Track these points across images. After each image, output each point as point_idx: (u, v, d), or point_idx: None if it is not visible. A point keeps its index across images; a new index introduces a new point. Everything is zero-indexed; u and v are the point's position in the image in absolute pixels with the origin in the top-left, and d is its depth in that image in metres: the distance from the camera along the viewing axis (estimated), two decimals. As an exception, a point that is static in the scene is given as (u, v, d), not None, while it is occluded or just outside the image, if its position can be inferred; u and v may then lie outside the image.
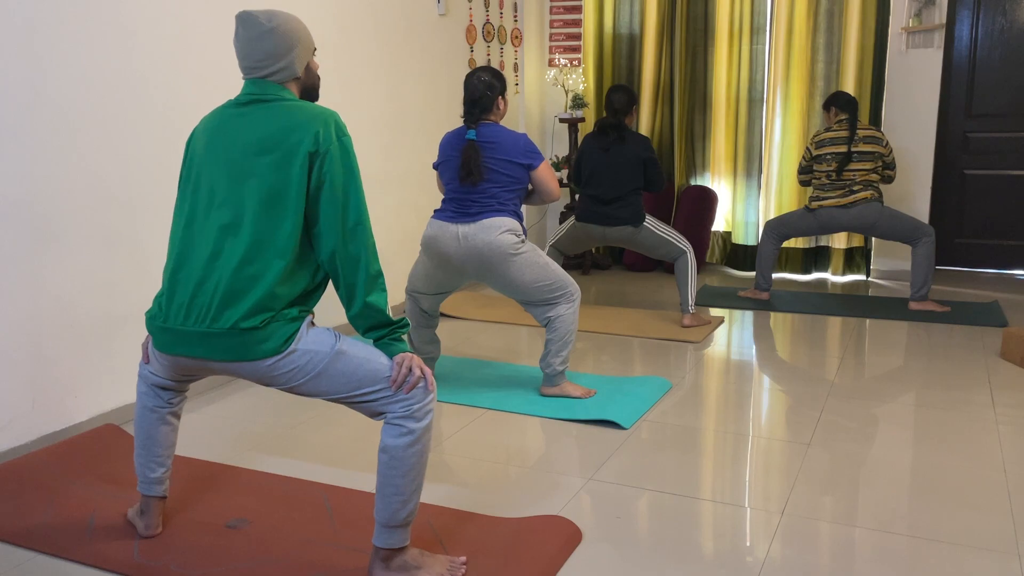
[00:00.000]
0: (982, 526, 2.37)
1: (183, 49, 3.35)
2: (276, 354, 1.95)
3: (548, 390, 3.43)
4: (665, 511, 2.49)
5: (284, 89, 2.04)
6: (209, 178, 2.00)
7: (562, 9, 6.32)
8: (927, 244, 4.67)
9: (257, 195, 1.94)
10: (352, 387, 2.00)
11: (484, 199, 3.24)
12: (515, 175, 3.26)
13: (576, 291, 3.37)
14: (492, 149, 3.24)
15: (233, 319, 1.92)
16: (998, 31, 5.44)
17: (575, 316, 3.36)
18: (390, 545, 2.04)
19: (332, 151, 1.95)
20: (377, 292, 1.98)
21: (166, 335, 2.01)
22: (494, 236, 3.19)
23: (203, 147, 2.03)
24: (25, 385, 2.87)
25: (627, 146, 4.32)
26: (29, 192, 2.83)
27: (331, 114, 2.00)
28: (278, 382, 2.00)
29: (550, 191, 3.35)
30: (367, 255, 1.97)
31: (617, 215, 4.33)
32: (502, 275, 3.25)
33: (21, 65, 2.78)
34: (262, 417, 3.29)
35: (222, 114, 2.05)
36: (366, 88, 4.47)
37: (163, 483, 2.30)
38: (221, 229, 1.96)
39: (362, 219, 1.97)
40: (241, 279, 1.93)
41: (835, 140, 4.73)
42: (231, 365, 1.99)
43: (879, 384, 3.59)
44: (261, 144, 1.95)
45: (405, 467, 2.01)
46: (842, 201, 4.69)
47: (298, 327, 1.98)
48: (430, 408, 2.04)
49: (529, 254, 3.25)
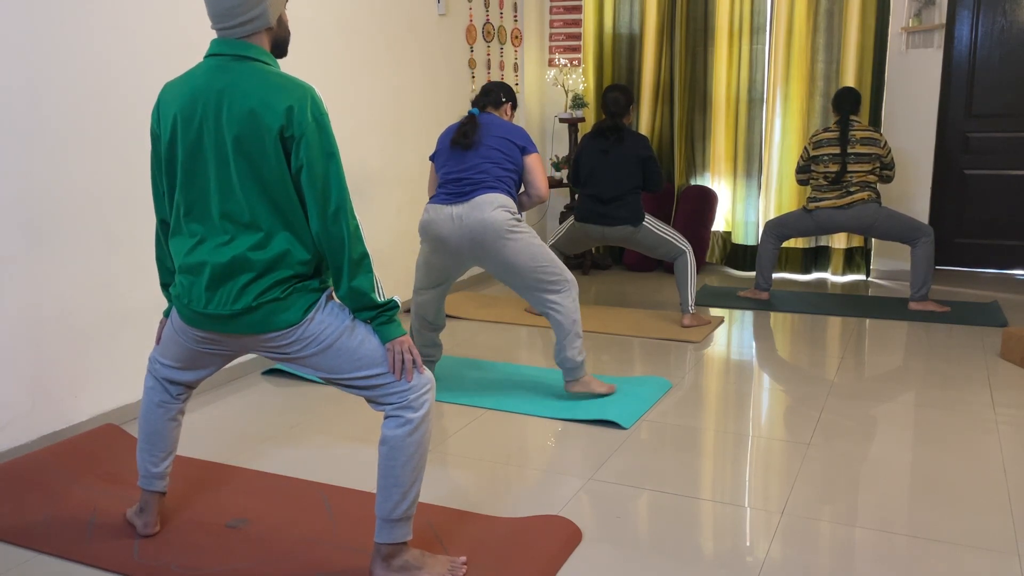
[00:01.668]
0: (982, 526, 2.37)
1: (184, 49, 3.35)
2: (298, 323, 1.97)
3: (572, 386, 3.36)
4: (665, 511, 2.49)
5: (253, 47, 1.96)
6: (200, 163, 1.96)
7: (562, 9, 6.32)
8: (926, 244, 4.67)
9: (249, 178, 1.92)
10: (354, 366, 2.00)
11: (477, 175, 3.23)
12: (509, 152, 3.27)
13: (572, 280, 3.32)
14: (489, 127, 3.30)
15: (254, 293, 1.94)
16: (998, 31, 5.44)
17: (575, 304, 3.32)
18: (392, 540, 2.04)
19: (308, 135, 1.90)
20: (362, 275, 1.97)
21: (188, 311, 2.03)
22: (488, 213, 3.17)
23: (182, 127, 1.96)
24: (25, 385, 2.87)
25: (626, 146, 4.33)
26: (29, 192, 2.83)
27: (306, 90, 1.92)
28: (288, 351, 2.01)
29: (539, 187, 3.33)
30: (350, 239, 1.94)
31: (616, 215, 4.32)
32: (497, 254, 3.21)
33: (21, 65, 2.78)
34: (262, 417, 3.29)
35: (193, 86, 1.95)
36: (366, 88, 4.47)
37: (164, 479, 2.30)
38: (225, 217, 1.95)
39: (343, 203, 1.94)
40: (259, 262, 1.93)
41: (831, 141, 4.73)
42: (248, 339, 2.01)
43: (879, 384, 3.59)
44: (238, 125, 1.89)
45: (404, 457, 2.01)
46: (839, 202, 4.69)
47: (318, 297, 2.00)
48: (427, 398, 2.04)
49: (526, 235, 3.22)
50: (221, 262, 1.94)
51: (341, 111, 4.28)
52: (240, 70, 1.93)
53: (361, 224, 2.00)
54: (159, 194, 2.11)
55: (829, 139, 4.74)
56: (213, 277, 1.96)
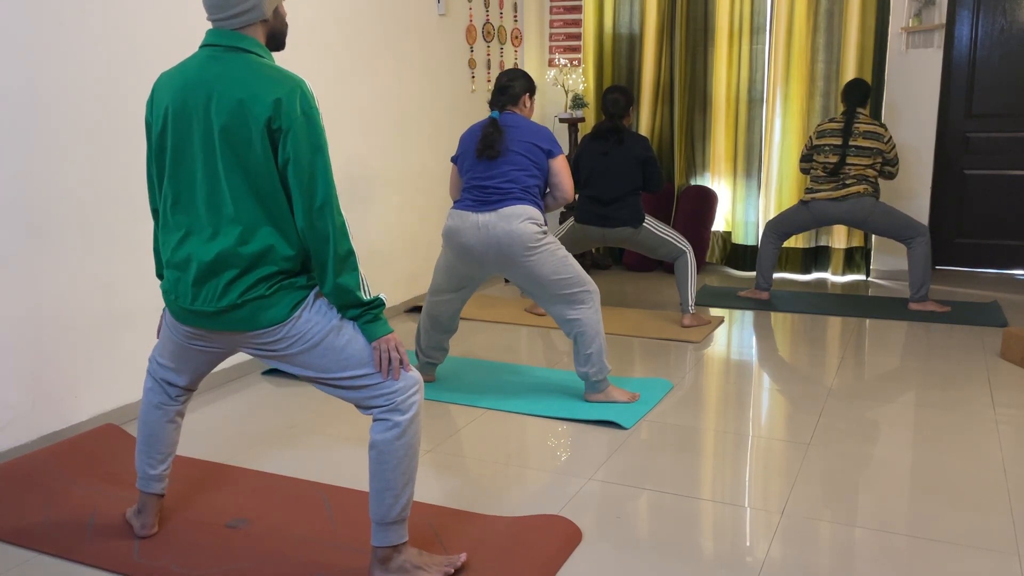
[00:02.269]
0: (982, 526, 2.37)
1: (184, 48, 3.35)
2: (284, 320, 1.96)
3: (593, 396, 3.35)
4: (665, 511, 2.49)
5: (246, 38, 1.94)
6: (188, 154, 1.95)
7: (562, 9, 6.32)
8: (921, 244, 4.66)
9: (234, 170, 1.91)
10: (340, 366, 1.99)
11: (505, 184, 3.19)
12: (536, 159, 3.23)
13: (595, 290, 3.30)
14: (514, 131, 3.24)
15: (239, 291, 1.93)
16: (998, 31, 5.44)
17: (598, 317, 3.28)
18: (388, 543, 2.04)
19: (296, 128, 1.88)
20: (347, 273, 1.95)
21: (176, 307, 2.03)
22: (515, 225, 3.15)
23: (172, 117, 1.95)
24: (25, 385, 2.87)
25: (626, 147, 4.32)
26: (29, 192, 2.83)
27: (296, 82, 1.90)
28: (275, 348, 2.00)
29: (565, 188, 3.30)
30: (335, 235, 1.93)
31: (616, 216, 4.32)
32: (521, 266, 3.20)
33: (21, 65, 2.78)
34: (262, 417, 3.29)
35: (185, 76, 1.95)
36: (366, 88, 4.47)
37: (162, 481, 2.30)
38: (211, 210, 1.94)
39: (329, 198, 1.92)
40: (242, 257, 1.92)
41: (834, 132, 4.73)
42: (237, 336, 2.00)
43: (879, 384, 3.59)
44: (226, 115, 1.89)
45: (394, 461, 2.01)
46: (834, 194, 4.68)
47: (305, 295, 1.99)
48: (415, 399, 2.03)
49: (550, 246, 3.21)
50: (206, 259, 1.94)
51: (341, 111, 4.28)
52: (232, 61, 1.92)
53: (348, 221, 1.98)
54: (152, 184, 2.12)
55: (832, 130, 4.74)
56: (199, 273, 1.95)
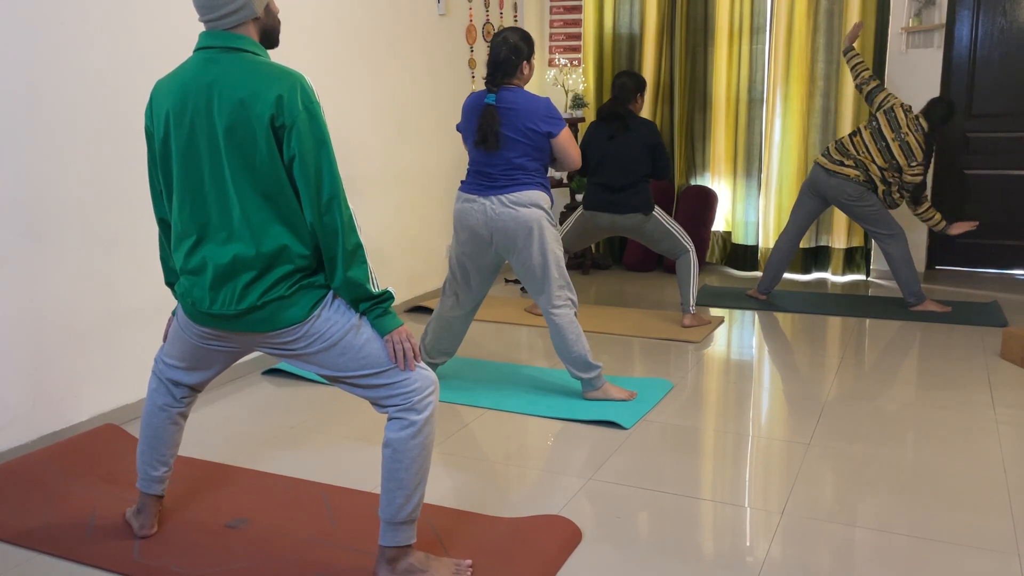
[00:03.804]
0: (982, 526, 2.37)
1: (182, 50, 3.35)
2: (303, 320, 1.96)
3: (591, 394, 3.37)
4: (665, 511, 2.49)
5: (241, 38, 1.93)
6: (194, 158, 1.94)
7: (562, 9, 6.32)
8: (891, 243, 4.60)
9: (241, 171, 1.90)
10: (358, 365, 2.00)
11: (509, 170, 3.20)
12: (537, 143, 3.21)
13: (575, 300, 3.34)
14: (512, 115, 3.19)
15: (259, 292, 1.93)
16: (998, 31, 5.44)
17: (574, 320, 3.31)
18: (396, 543, 2.04)
19: (299, 123, 1.88)
20: (356, 266, 1.95)
21: (193, 310, 2.02)
22: (520, 211, 3.18)
23: (175, 123, 1.95)
24: (25, 385, 2.87)
25: (632, 132, 4.26)
26: (29, 192, 2.83)
27: (296, 78, 1.90)
28: (294, 347, 2.00)
29: (572, 159, 3.29)
30: (344, 229, 1.93)
31: (628, 203, 4.26)
32: (521, 251, 3.23)
33: (21, 65, 2.78)
34: (262, 417, 3.29)
35: (183, 81, 1.94)
36: (366, 88, 4.47)
37: (163, 482, 2.30)
38: (221, 212, 1.94)
39: (336, 192, 1.92)
40: (258, 258, 1.92)
41: (890, 123, 4.53)
42: (256, 336, 2.00)
43: (879, 384, 3.59)
44: (228, 116, 1.88)
45: (408, 460, 2.01)
46: (829, 165, 4.64)
47: (324, 294, 1.99)
48: (431, 400, 2.04)
49: (551, 240, 3.23)
50: (222, 263, 1.94)
51: (341, 111, 4.28)
52: (229, 61, 1.91)
53: (355, 214, 1.98)
54: (157, 193, 2.11)
55: (889, 121, 4.54)
56: (216, 278, 1.95)
